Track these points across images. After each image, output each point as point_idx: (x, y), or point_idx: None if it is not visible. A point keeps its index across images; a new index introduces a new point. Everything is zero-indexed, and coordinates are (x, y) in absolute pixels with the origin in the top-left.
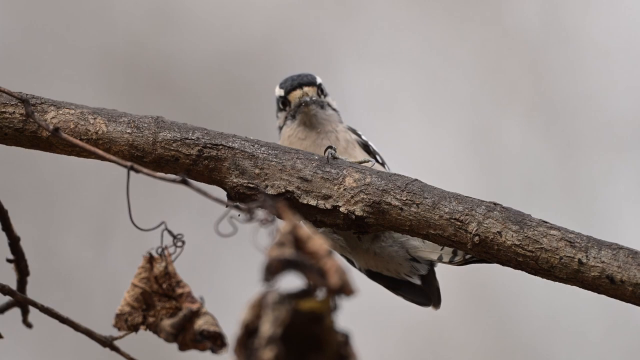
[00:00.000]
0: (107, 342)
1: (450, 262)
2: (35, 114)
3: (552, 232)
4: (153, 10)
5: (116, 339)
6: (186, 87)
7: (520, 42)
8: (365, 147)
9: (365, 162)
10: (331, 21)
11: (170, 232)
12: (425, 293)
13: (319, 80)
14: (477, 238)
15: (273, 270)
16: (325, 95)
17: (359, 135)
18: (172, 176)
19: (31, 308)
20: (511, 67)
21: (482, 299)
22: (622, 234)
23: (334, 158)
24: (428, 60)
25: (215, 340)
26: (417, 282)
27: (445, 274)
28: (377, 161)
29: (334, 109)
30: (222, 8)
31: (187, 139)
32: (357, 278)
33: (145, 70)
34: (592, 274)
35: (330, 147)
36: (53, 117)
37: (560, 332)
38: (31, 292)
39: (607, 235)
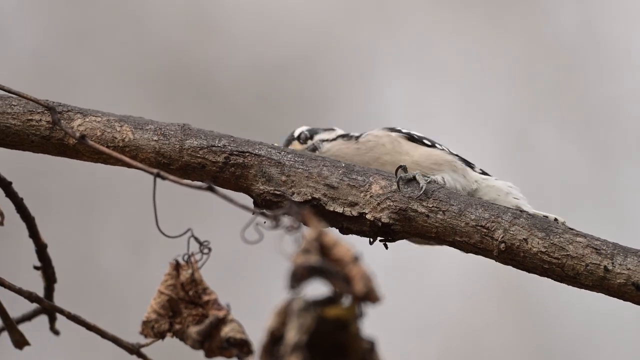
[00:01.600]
0: (134, 350)
1: None
2: (62, 121)
3: (578, 239)
4: (191, 19)
5: (143, 346)
6: (224, 96)
7: (557, 51)
8: (411, 138)
9: (433, 180)
10: (369, 31)
11: (196, 239)
12: None
13: (295, 134)
14: (503, 245)
15: (298, 277)
16: (310, 138)
17: (399, 130)
18: (199, 183)
19: (59, 315)
20: (548, 75)
21: (519, 301)
22: None
23: (408, 180)
24: (465, 69)
25: (241, 348)
26: None
27: (481, 275)
28: (428, 145)
29: (333, 139)
30: (260, 18)
31: (213, 146)
32: (385, 285)
33: (183, 79)
34: (618, 281)
35: (400, 166)
36: (80, 125)
37: (598, 334)
38: (63, 299)
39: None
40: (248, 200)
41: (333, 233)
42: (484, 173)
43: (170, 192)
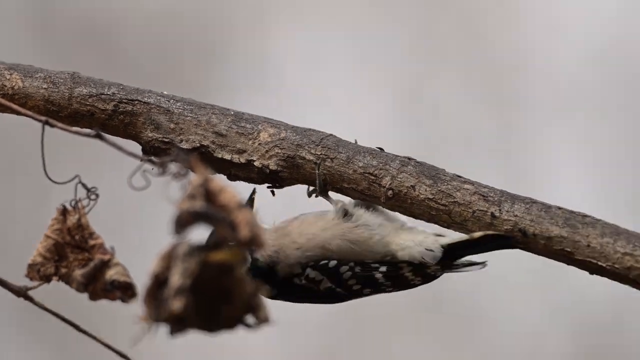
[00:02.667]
0: (21, 292)
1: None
2: None
3: (466, 186)
4: None
5: (30, 289)
6: (115, 45)
7: None
8: None
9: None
10: None
11: (84, 185)
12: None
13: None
14: (390, 192)
15: (183, 222)
16: None
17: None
18: (87, 130)
19: None
20: (447, 23)
21: None
22: (555, 194)
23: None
24: (359, 18)
25: (125, 291)
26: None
27: None
28: None
29: None
30: None
31: (102, 94)
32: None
33: (70, 26)
34: (505, 227)
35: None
36: None
37: (487, 282)
38: None
39: (542, 195)
40: (137, 148)
41: (220, 180)
42: None
43: (60, 139)
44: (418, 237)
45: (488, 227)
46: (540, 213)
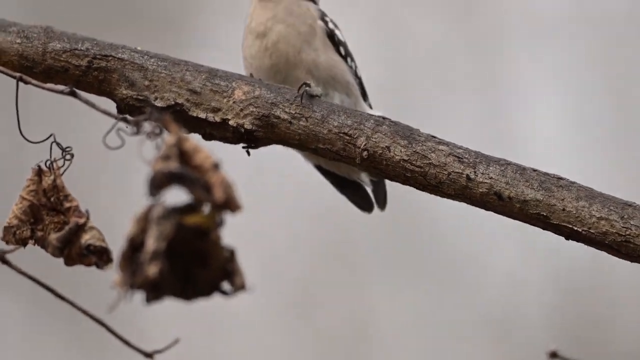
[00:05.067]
0: None
1: None
2: None
3: (441, 147)
4: None
5: (7, 252)
6: None
7: None
8: (331, 37)
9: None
10: None
11: (59, 145)
12: (369, 199)
13: None
14: (365, 153)
15: (158, 183)
16: None
17: (326, 22)
18: (61, 87)
19: None
20: None
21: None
22: (530, 129)
23: (311, 96)
24: None
25: (100, 256)
26: (368, 185)
27: None
28: (341, 54)
29: None
30: None
31: (76, 49)
32: (247, 193)
33: None
34: (480, 190)
35: (305, 83)
36: None
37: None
38: None
39: (517, 132)
40: (112, 106)
41: (194, 139)
42: (370, 107)
43: (34, 97)
44: None
45: (463, 190)
46: (515, 175)
